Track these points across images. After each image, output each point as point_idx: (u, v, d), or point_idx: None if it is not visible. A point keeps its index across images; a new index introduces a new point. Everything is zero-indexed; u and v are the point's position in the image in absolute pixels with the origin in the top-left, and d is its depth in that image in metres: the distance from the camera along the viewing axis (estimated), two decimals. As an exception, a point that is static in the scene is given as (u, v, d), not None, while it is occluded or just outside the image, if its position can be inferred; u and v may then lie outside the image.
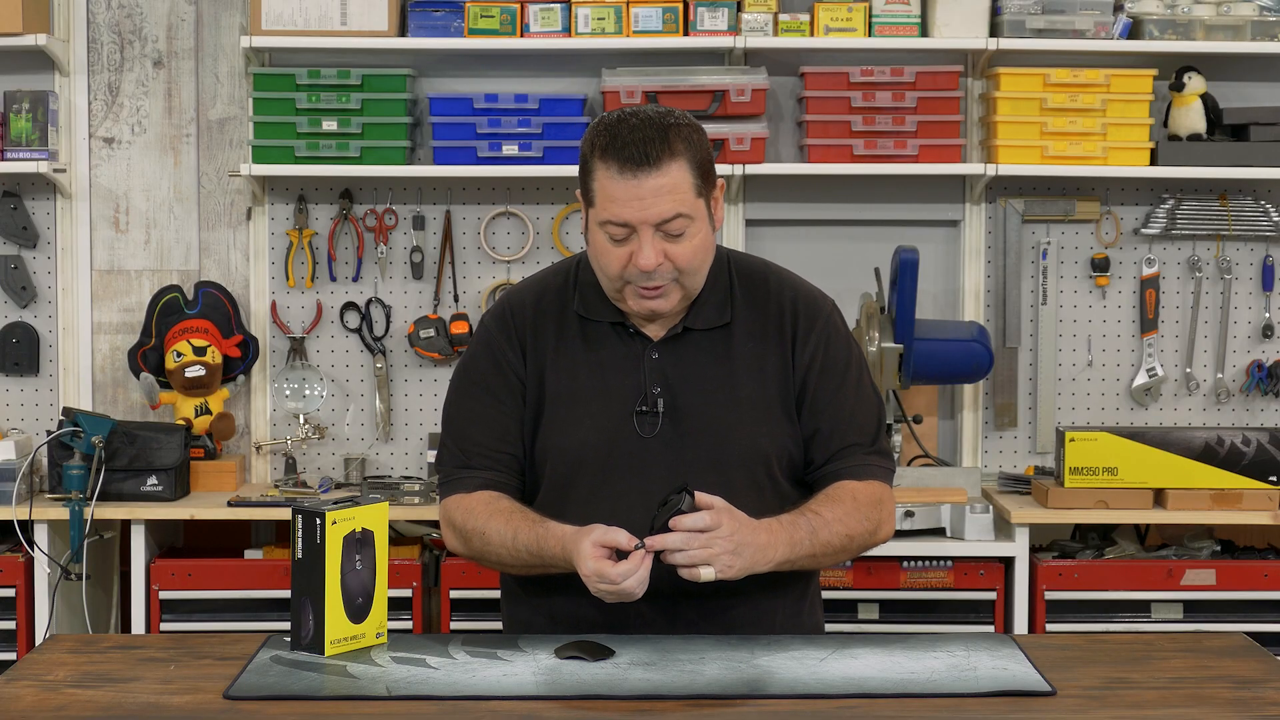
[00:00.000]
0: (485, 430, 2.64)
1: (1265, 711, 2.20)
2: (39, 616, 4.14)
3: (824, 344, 2.65)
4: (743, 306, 2.64)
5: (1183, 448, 4.18)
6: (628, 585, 2.39)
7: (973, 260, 4.61)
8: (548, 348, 2.63)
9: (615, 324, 2.63)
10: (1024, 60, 4.50)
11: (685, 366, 2.61)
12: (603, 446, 2.58)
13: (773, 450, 2.61)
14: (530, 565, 2.56)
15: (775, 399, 2.62)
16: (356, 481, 4.55)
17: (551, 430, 2.61)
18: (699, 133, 2.55)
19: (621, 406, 2.59)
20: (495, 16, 4.41)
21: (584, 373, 2.61)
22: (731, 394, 2.60)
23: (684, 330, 2.62)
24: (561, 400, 2.61)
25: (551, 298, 2.67)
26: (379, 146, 4.44)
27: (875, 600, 4.15)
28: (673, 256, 2.51)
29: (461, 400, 2.68)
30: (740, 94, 4.38)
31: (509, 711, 2.17)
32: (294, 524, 2.43)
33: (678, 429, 2.58)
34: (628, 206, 2.48)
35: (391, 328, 4.63)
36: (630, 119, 2.52)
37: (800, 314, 2.65)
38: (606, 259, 2.54)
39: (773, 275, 2.70)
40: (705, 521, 2.41)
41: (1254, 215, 4.61)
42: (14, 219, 4.56)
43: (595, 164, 2.51)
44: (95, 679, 2.32)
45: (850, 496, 2.61)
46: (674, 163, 2.49)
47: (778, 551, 2.49)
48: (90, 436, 4.16)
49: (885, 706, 2.20)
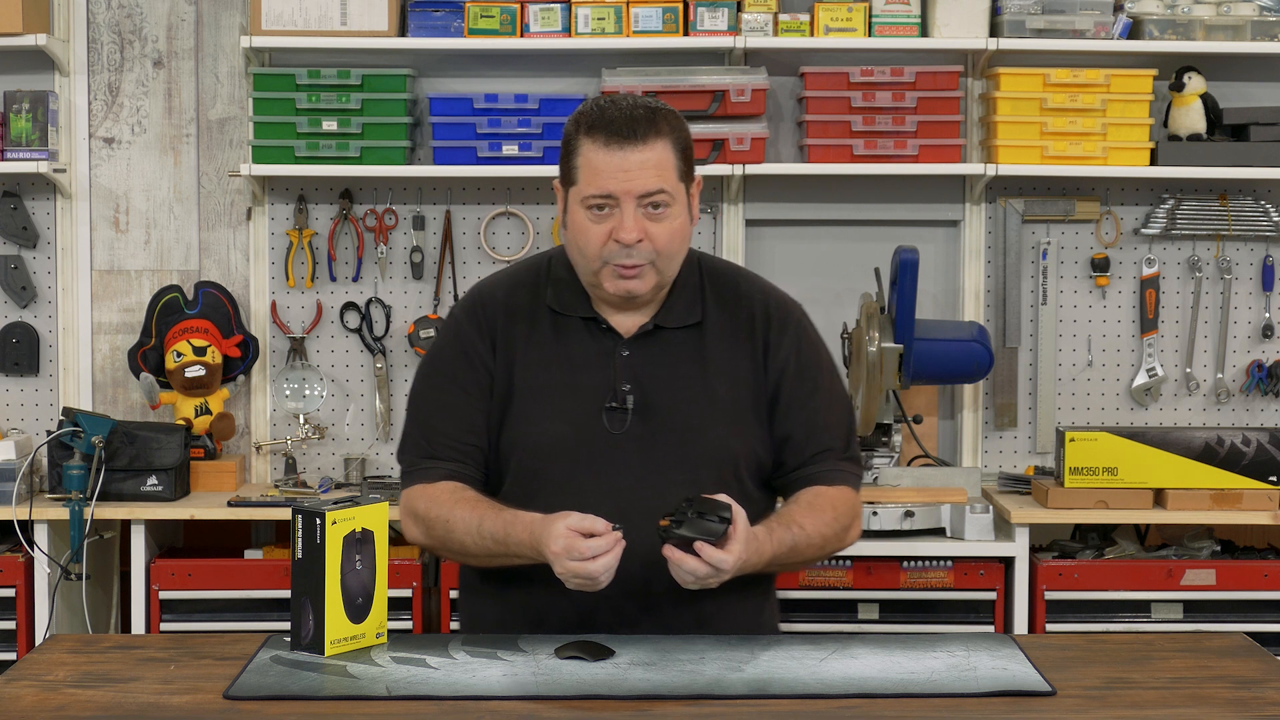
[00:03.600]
0: (451, 421, 2.64)
1: (1265, 711, 2.20)
2: (39, 616, 4.14)
3: (796, 349, 2.67)
4: (713, 307, 2.67)
5: (1183, 448, 4.18)
6: (597, 565, 2.38)
7: (973, 260, 4.61)
8: (518, 341, 2.64)
9: (587, 319, 2.64)
10: (1024, 60, 4.50)
11: (656, 365, 2.62)
12: (571, 441, 2.59)
13: (742, 452, 2.63)
14: (493, 554, 2.55)
15: (746, 401, 2.64)
16: (356, 481, 4.55)
17: (520, 423, 2.62)
18: (683, 122, 2.60)
19: (591, 402, 2.60)
20: (495, 16, 4.41)
21: (554, 367, 2.63)
22: (703, 394, 2.62)
23: (655, 328, 2.63)
24: (530, 394, 2.62)
25: (523, 292, 2.68)
26: (379, 146, 4.44)
27: (875, 600, 4.15)
28: (652, 236, 2.54)
29: (428, 391, 2.68)
30: (740, 94, 4.38)
31: (509, 711, 2.17)
32: (294, 524, 2.43)
33: (648, 426, 2.60)
34: (612, 178, 2.51)
35: (391, 328, 4.63)
36: (618, 101, 2.57)
37: (772, 318, 2.68)
38: (586, 237, 2.55)
39: (743, 278, 2.74)
40: (727, 565, 2.41)
41: (1254, 215, 4.61)
42: (14, 219, 4.56)
43: (580, 140, 2.54)
44: (95, 679, 2.32)
45: (831, 505, 2.63)
46: (660, 140, 2.53)
47: (758, 566, 2.52)
48: (90, 436, 4.16)
49: (885, 706, 2.21)
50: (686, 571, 2.41)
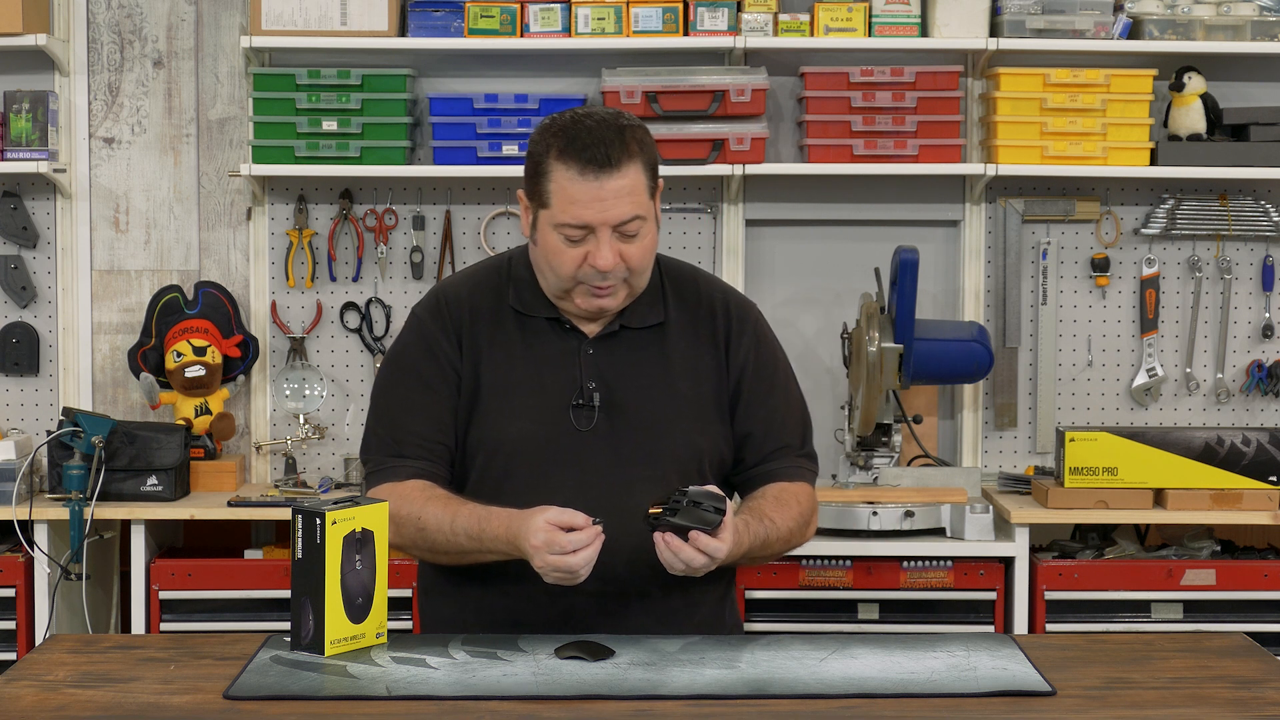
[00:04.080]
0: (419, 420, 2.64)
1: (1265, 711, 2.20)
2: (39, 616, 4.14)
3: (754, 347, 2.71)
4: (674, 307, 2.69)
5: (1183, 448, 4.18)
6: (578, 559, 2.39)
7: (973, 260, 4.61)
8: (483, 340, 2.65)
9: (551, 319, 2.65)
10: (1024, 60, 4.50)
11: (621, 363, 2.64)
12: (539, 439, 2.61)
13: (706, 448, 2.65)
14: (465, 551, 2.56)
15: (710, 398, 2.66)
16: (356, 481, 4.55)
17: (486, 422, 2.63)
18: (649, 134, 2.60)
19: (558, 400, 2.62)
20: (495, 16, 4.41)
21: (520, 366, 2.63)
22: (668, 391, 2.64)
23: (620, 328, 2.65)
24: (497, 393, 2.63)
25: (485, 292, 2.68)
26: (379, 146, 4.44)
27: (875, 600, 4.15)
28: (627, 257, 2.55)
29: (393, 389, 2.68)
30: (740, 94, 4.38)
31: (509, 711, 2.17)
32: (294, 524, 2.43)
33: (614, 423, 2.61)
34: (589, 208, 2.51)
35: (391, 328, 4.63)
36: (585, 120, 2.55)
37: (732, 316, 2.71)
38: (559, 259, 2.55)
39: (701, 278, 2.76)
40: (721, 554, 2.43)
41: (1254, 215, 4.61)
42: (14, 219, 4.56)
43: (552, 165, 2.53)
44: (95, 679, 2.32)
45: (795, 500, 2.67)
46: (632, 165, 2.53)
47: (734, 556, 2.53)
48: (90, 436, 4.16)
49: (885, 706, 2.21)
50: (682, 560, 2.42)
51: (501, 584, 2.59)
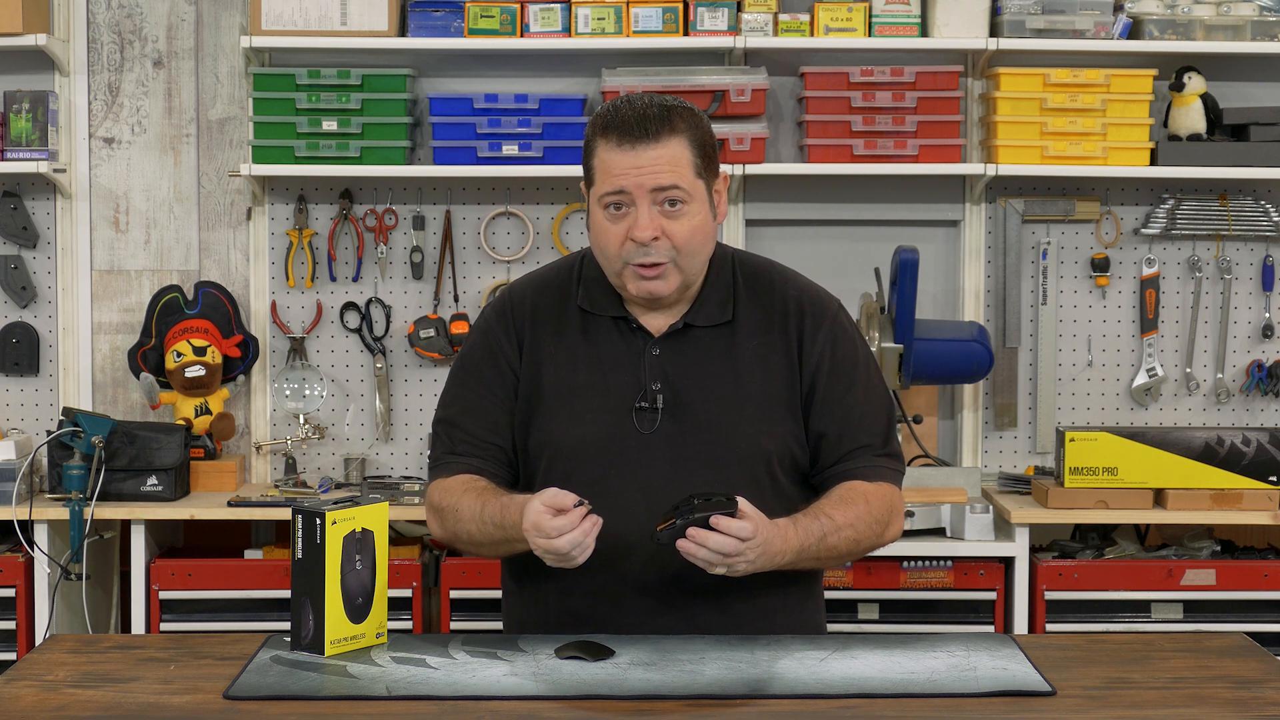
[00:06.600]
0: (474, 420, 2.64)
1: (1265, 711, 2.20)
2: (39, 616, 4.15)
3: (831, 344, 2.64)
4: (746, 305, 2.64)
5: (1183, 448, 4.18)
6: (562, 542, 2.37)
7: (973, 260, 4.61)
8: (546, 341, 2.63)
9: (617, 318, 2.62)
10: (1024, 60, 4.50)
11: (686, 363, 2.60)
12: (602, 441, 2.58)
13: (774, 448, 2.60)
14: (496, 540, 2.55)
15: (779, 397, 2.61)
16: (356, 481, 4.55)
17: (549, 424, 2.61)
18: (702, 118, 2.57)
19: (621, 401, 2.59)
20: (495, 16, 4.41)
21: (583, 367, 2.61)
22: (734, 391, 2.59)
23: (685, 326, 2.62)
24: (560, 394, 2.61)
25: (553, 292, 2.67)
26: (379, 146, 4.44)
27: (875, 600, 4.15)
28: (670, 233, 2.52)
29: (456, 389, 2.69)
30: (740, 94, 4.38)
31: (509, 711, 2.17)
32: (294, 524, 2.43)
33: (678, 425, 2.58)
34: (624, 175, 2.50)
35: (391, 328, 4.63)
36: (632, 100, 2.56)
37: (806, 313, 2.64)
38: (605, 237, 2.54)
39: (778, 274, 2.70)
40: (748, 531, 2.39)
41: (1254, 215, 4.61)
42: (14, 219, 4.56)
43: (596, 142, 2.55)
44: (95, 679, 2.32)
45: (863, 499, 2.60)
46: (673, 138, 2.52)
47: (786, 557, 2.49)
48: (90, 436, 4.16)
49: (885, 706, 2.20)
50: (711, 548, 2.38)
51: (577, 582, 2.53)
